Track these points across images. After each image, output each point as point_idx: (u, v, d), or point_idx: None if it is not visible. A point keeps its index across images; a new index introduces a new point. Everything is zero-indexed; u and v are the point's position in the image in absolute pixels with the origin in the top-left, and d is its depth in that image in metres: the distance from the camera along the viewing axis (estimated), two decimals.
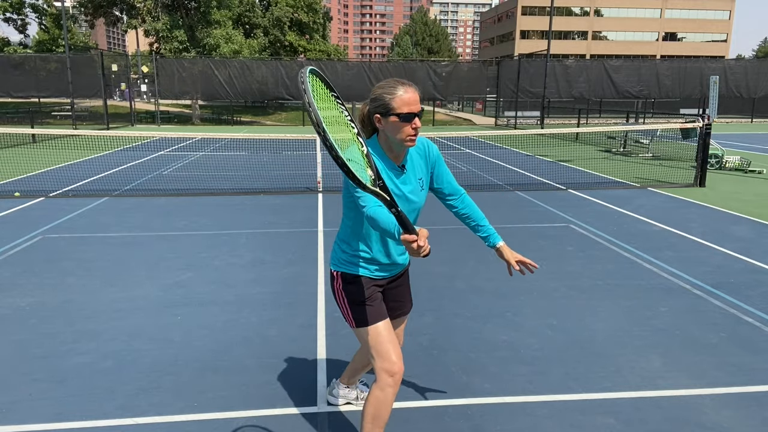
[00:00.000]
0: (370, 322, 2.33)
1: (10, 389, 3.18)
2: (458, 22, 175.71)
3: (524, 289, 4.84)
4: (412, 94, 2.15)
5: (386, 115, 2.15)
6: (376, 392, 2.32)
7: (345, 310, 2.39)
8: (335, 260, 2.41)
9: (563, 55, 55.43)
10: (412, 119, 2.14)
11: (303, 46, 42.65)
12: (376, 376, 2.31)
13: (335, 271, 2.39)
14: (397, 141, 2.19)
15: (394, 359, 2.29)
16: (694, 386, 3.25)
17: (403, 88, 2.15)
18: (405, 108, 2.12)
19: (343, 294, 2.37)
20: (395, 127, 2.15)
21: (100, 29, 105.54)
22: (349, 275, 2.36)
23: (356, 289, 2.35)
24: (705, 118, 10.25)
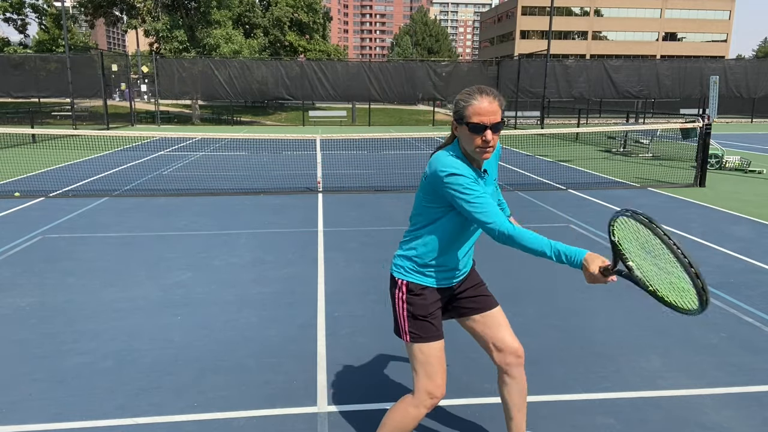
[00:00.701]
0: (426, 339, 2.24)
1: (10, 389, 3.18)
2: (458, 22, 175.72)
3: (524, 289, 4.84)
4: (489, 105, 2.00)
5: (460, 123, 2.06)
6: (409, 408, 2.26)
7: (402, 322, 2.27)
8: (400, 268, 2.28)
9: (563, 55, 55.45)
10: (483, 131, 2.00)
11: (303, 46, 42.68)
12: (416, 392, 2.26)
13: (400, 279, 2.27)
14: (470, 151, 2.08)
15: (439, 383, 2.25)
16: (694, 386, 3.25)
17: (480, 96, 2.02)
18: (476, 118, 2.00)
19: (405, 306, 2.25)
20: (466, 137, 2.06)
21: (100, 29, 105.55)
22: (416, 286, 2.25)
23: (420, 302, 2.25)
24: (705, 118, 10.25)
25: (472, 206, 2.02)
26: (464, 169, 2.04)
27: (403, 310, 2.26)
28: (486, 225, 2.00)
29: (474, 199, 2.02)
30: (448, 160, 2.07)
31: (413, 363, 2.27)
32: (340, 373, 3.38)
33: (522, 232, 1.98)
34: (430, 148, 17.00)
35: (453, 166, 2.04)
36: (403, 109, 37.09)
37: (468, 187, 2.02)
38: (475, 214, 2.01)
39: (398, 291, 2.27)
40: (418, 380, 2.25)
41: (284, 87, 28.81)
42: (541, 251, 1.95)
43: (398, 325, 2.29)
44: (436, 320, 2.28)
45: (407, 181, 10.73)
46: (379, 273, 5.25)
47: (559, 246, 1.94)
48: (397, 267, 2.30)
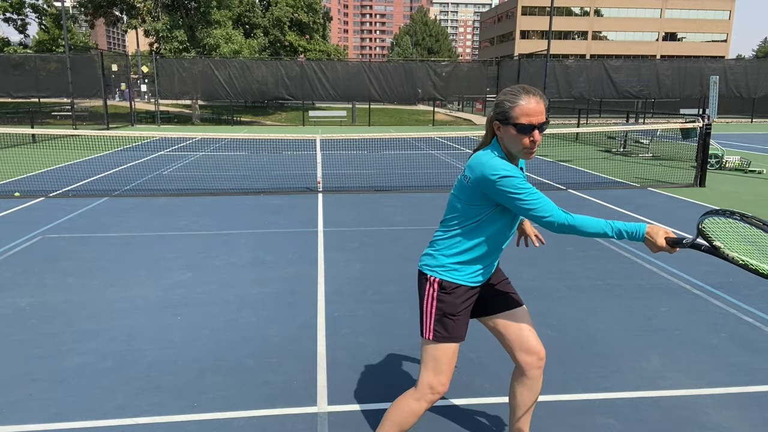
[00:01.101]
0: (449, 339, 2.25)
1: (10, 389, 3.18)
2: (458, 22, 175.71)
3: (524, 289, 4.84)
4: (536, 105, 2.02)
5: (505, 124, 2.07)
6: (411, 402, 2.28)
7: (429, 319, 2.26)
8: (433, 265, 2.26)
9: (563, 55, 55.44)
10: (531, 132, 2.03)
11: (303, 46, 42.68)
12: (419, 386, 2.27)
13: (432, 277, 2.25)
14: (514, 151, 2.11)
15: (444, 380, 2.27)
16: (694, 386, 3.25)
17: (527, 96, 2.03)
18: (524, 119, 2.01)
19: (435, 304, 2.24)
20: (512, 138, 2.07)
21: (100, 29, 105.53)
22: (449, 284, 2.24)
23: (451, 300, 2.24)
24: (705, 118, 10.25)
25: (528, 203, 2.04)
26: (513, 170, 2.06)
27: (432, 307, 2.25)
28: (543, 219, 2.04)
29: (528, 197, 2.04)
30: (496, 161, 2.07)
31: (425, 357, 2.28)
32: (340, 373, 3.38)
33: (579, 219, 2.03)
34: (431, 148, 17.01)
35: (504, 168, 2.04)
36: (403, 109, 37.10)
37: (520, 186, 2.04)
38: (532, 212, 2.04)
39: (429, 288, 2.25)
40: (425, 374, 2.26)
41: (284, 87, 28.81)
42: (603, 233, 2.02)
43: (423, 321, 2.28)
44: (463, 320, 2.28)
45: (407, 181, 10.73)
46: (379, 273, 5.25)
47: (619, 225, 2.02)
48: (429, 264, 2.29)
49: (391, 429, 2.32)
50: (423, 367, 2.28)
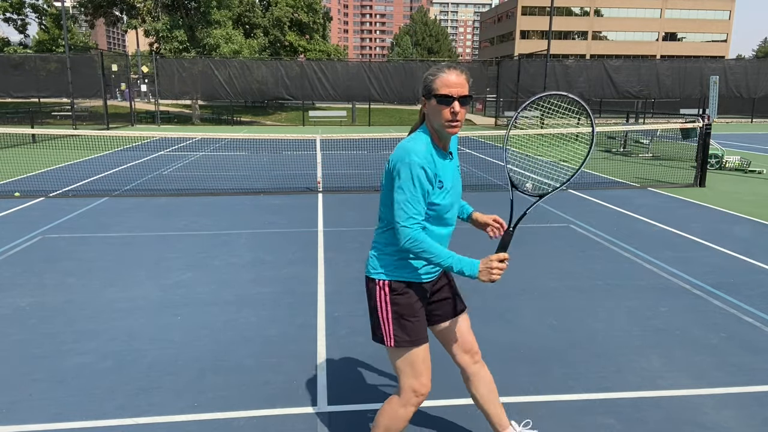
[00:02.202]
0: (413, 343, 2.18)
1: (10, 389, 3.18)
2: (458, 22, 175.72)
3: (524, 289, 4.84)
4: (456, 78, 2.00)
5: (428, 98, 2.06)
6: (397, 407, 2.25)
7: (386, 325, 2.18)
8: (378, 267, 2.19)
9: (563, 55, 55.45)
10: (451, 103, 2.00)
11: (303, 46, 42.67)
12: (402, 392, 2.24)
13: (381, 279, 2.17)
14: (438, 128, 2.07)
15: (425, 381, 2.23)
16: (694, 386, 3.25)
17: (448, 69, 2.02)
18: (444, 89, 2.00)
19: (389, 307, 2.17)
20: (434, 111, 2.04)
21: (100, 29, 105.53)
22: (399, 284, 2.17)
23: (406, 301, 2.17)
24: (705, 118, 10.25)
25: (400, 200, 2.01)
26: (423, 159, 2.01)
27: (387, 312, 2.17)
28: (399, 224, 2.01)
29: (407, 194, 2.00)
30: (413, 146, 2.04)
31: (397, 365, 2.23)
32: (340, 373, 3.38)
33: (430, 246, 2.01)
34: None
35: (415, 154, 2.01)
36: (403, 109, 37.07)
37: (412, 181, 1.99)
38: (396, 209, 2.02)
39: (380, 292, 2.18)
40: (404, 379, 2.22)
41: (284, 87, 28.82)
42: (447, 266, 2.04)
43: (381, 329, 2.20)
44: (422, 321, 2.22)
45: None
46: None
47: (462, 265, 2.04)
48: (374, 267, 2.21)
49: None
50: (400, 374, 2.23)
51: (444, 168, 2.11)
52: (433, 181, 2.05)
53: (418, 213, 2.01)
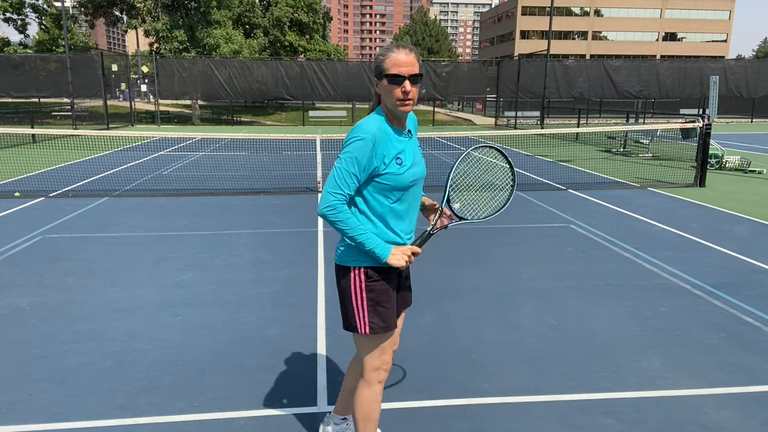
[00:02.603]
0: (386, 329, 2.21)
1: (10, 389, 3.17)
2: (458, 22, 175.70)
3: (524, 289, 4.84)
4: (405, 56, 2.03)
5: (380, 78, 2.08)
6: (364, 392, 2.28)
7: (360, 313, 2.18)
8: (352, 254, 2.17)
9: (563, 55, 55.44)
10: (402, 82, 2.03)
11: (303, 46, 42.67)
12: (366, 374, 2.27)
13: (356, 267, 2.16)
14: (391, 107, 2.10)
15: (388, 358, 2.29)
16: (694, 386, 3.25)
17: (397, 49, 2.05)
18: (394, 69, 2.03)
19: (365, 294, 2.17)
20: (386, 91, 2.07)
21: (100, 29, 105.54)
22: (374, 270, 2.16)
23: (381, 287, 2.18)
24: (705, 118, 10.25)
25: (336, 168, 2.05)
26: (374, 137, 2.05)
27: (363, 300, 2.17)
28: (326, 189, 2.05)
29: (342, 164, 2.04)
30: (363, 124, 2.08)
31: (366, 348, 2.26)
32: (340, 373, 3.38)
33: (348, 218, 2.06)
34: (431, 148, 17.00)
35: (363, 131, 2.05)
36: None
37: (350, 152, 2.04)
38: (329, 177, 2.07)
39: (355, 279, 2.17)
40: (369, 361, 2.26)
41: (284, 87, 28.81)
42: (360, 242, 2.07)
43: (355, 317, 2.20)
44: (392, 305, 2.25)
45: None
46: None
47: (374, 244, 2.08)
48: (347, 255, 2.19)
49: (364, 423, 2.32)
50: (366, 356, 2.26)
51: (403, 145, 2.15)
52: (387, 156, 2.09)
53: (346, 186, 2.04)
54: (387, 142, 2.09)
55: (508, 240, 6.47)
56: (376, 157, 2.06)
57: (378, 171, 2.08)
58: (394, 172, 2.10)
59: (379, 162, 2.07)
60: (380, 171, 2.08)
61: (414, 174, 2.16)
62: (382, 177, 2.10)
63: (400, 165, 2.11)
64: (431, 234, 2.30)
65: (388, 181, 2.11)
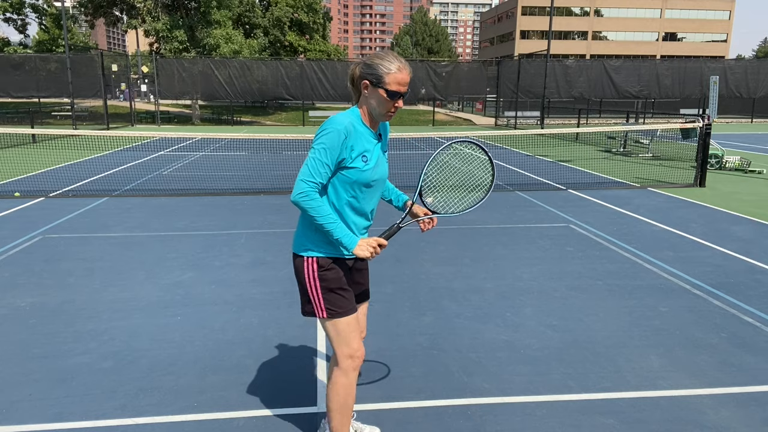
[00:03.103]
0: (343, 313, 2.33)
1: (10, 389, 3.18)
2: (458, 22, 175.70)
3: (524, 289, 4.84)
4: (406, 75, 2.21)
5: (376, 86, 2.20)
6: (341, 380, 2.37)
7: (317, 299, 2.31)
8: (306, 244, 2.30)
9: (563, 55, 55.45)
10: (399, 98, 2.22)
11: (303, 46, 42.67)
12: (339, 362, 2.37)
13: (309, 256, 2.29)
14: (376, 113, 2.25)
15: (356, 346, 2.38)
16: (694, 386, 3.25)
17: (399, 66, 2.20)
18: (395, 86, 2.19)
19: (318, 282, 2.30)
20: (380, 100, 2.21)
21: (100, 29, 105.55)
22: (326, 259, 2.30)
23: (334, 275, 2.31)
24: (705, 119, 10.25)
25: (309, 158, 2.15)
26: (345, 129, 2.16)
27: (317, 287, 2.31)
28: (300, 178, 2.14)
29: (315, 154, 2.14)
30: (338, 117, 2.19)
31: (330, 335, 2.37)
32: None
33: (319, 207, 2.15)
34: (431, 148, 17.01)
35: (338, 123, 2.16)
36: (403, 109, 37.05)
37: (325, 147, 2.14)
38: (303, 166, 2.16)
39: (308, 269, 2.31)
40: (339, 348, 2.36)
41: (284, 87, 28.81)
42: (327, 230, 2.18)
43: (311, 303, 2.33)
44: (348, 291, 2.36)
45: (407, 181, 10.72)
46: (377, 273, 5.25)
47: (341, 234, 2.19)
48: (302, 244, 2.32)
49: (340, 414, 2.41)
50: (334, 343, 2.37)
51: (371, 145, 2.27)
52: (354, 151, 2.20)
53: (319, 175, 2.15)
54: (357, 138, 2.22)
55: (508, 240, 6.47)
56: (346, 148, 2.18)
57: (345, 163, 2.20)
58: (358, 167, 2.22)
59: (347, 154, 2.19)
60: (346, 164, 2.20)
61: (375, 174, 2.29)
62: (346, 170, 2.22)
63: (365, 162, 2.23)
64: (399, 227, 2.38)
65: (350, 174, 2.22)
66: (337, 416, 2.41)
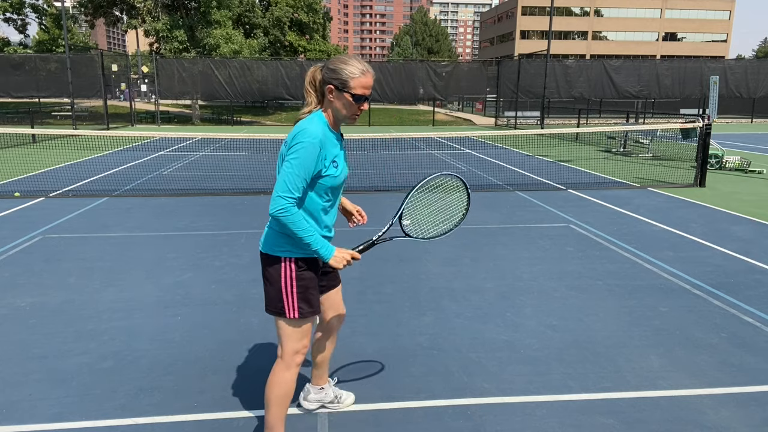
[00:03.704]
0: (313, 312, 2.41)
1: (10, 389, 3.18)
2: (458, 22, 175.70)
3: (524, 289, 4.85)
4: (370, 79, 2.29)
5: (341, 90, 2.26)
6: (283, 374, 2.42)
7: (291, 299, 2.35)
8: (283, 245, 2.33)
9: (563, 55, 55.44)
10: (364, 101, 2.30)
11: (303, 46, 42.67)
12: (285, 357, 2.42)
13: (287, 257, 2.33)
14: (341, 116, 2.32)
15: (306, 343, 2.47)
16: (694, 386, 3.25)
17: (363, 70, 2.26)
18: (360, 90, 2.26)
19: (295, 282, 2.34)
20: (346, 104, 2.28)
21: (100, 29, 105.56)
22: (302, 260, 2.35)
23: (310, 275, 2.38)
24: (705, 118, 10.25)
25: (286, 171, 2.19)
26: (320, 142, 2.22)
27: (293, 287, 2.35)
28: (277, 193, 2.20)
29: (293, 168, 2.19)
30: (312, 128, 2.24)
31: (287, 332, 2.40)
32: (340, 373, 3.38)
33: (298, 221, 2.20)
34: (431, 148, 17.01)
35: (313, 135, 2.21)
36: (403, 109, 37.08)
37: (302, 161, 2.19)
38: (279, 179, 2.22)
39: (286, 269, 2.34)
40: (289, 344, 2.40)
41: (284, 87, 28.81)
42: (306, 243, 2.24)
43: (284, 302, 2.36)
44: (317, 291, 2.46)
45: (407, 181, 10.72)
46: (378, 273, 5.25)
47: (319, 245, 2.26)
48: (277, 245, 2.35)
49: (278, 406, 2.44)
50: (287, 339, 2.41)
51: (338, 149, 2.36)
52: (327, 159, 2.28)
53: (296, 189, 2.20)
54: (329, 146, 2.29)
55: (508, 240, 6.47)
56: (321, 159, 2.25)
57: (320, 173, 2.28)
58: (332, 173, 2.31)
59: (321, 165, 2.26)
60: (322, 173, 2.28)
61: (344, 176, 2.41)
62: (322, 179, 2.29)
63: (336, 168, 2.33)
64: (374, 243, 2.48)
65: (325, 182, 2.31)
66: (275, 408, 2.45)
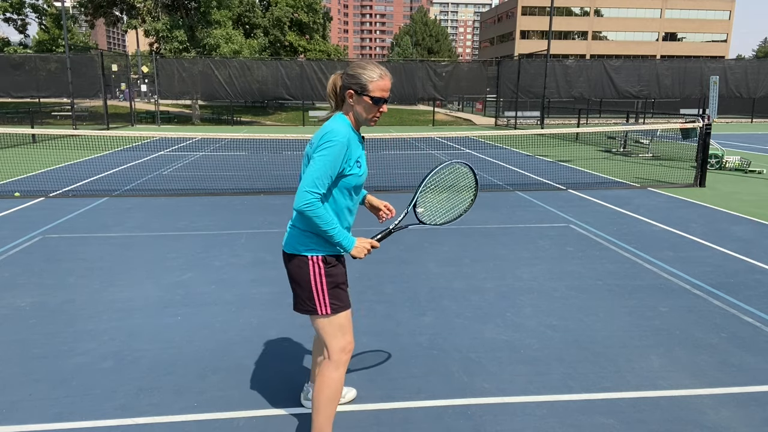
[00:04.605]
0: (344, 307, 2.43)
1: (10, 389, 3.18)
2: (458, 22, 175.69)
3: (524, 289, 4.84)
4: (388, 82, 2.36)
5: (360, 94, 2.33)
6: (332, 374, 2.42)
7: (322, 296, 2.39)
8: (309, 244, 2.38)
9: (563, 55, 55.45)
10: (383, 104, 2.37)
11: (303, 46, 42.68)
12: (332, 356, 2.42)
13: (313, 256, 2.38)
14: (362, 119, 2.39)
15: (350, 338, 2.48)
16: (694, 386, 3.25)
17: (381, 74, 2.34)
18: (379, 93, 2.33)
19: (325, 279, 2.38)
20: (366, 107, 2.35)
21: (100, 29, 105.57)
22: (331, 257, 2.40)
23: (338, 271, 2.42)
24: (705, 118, 10.25)
25: (314, 166, 2.23)
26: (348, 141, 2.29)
27: (323, 284, 2.39)
28: (304, 188, 2.22)
29: (321, 163, 2.23)
30: (339, 128, 2.30)
31: (328, 330, 2.42)
32: None
33: (324, 216, 2.25)
34: (431, 148, 17.01)
35: (342, 134, 2.27)
36: (403, 109, 37.07)
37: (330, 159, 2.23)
38: (307, 175, 2.24)
39: (314, 267, 2.38)
40: (334, 342, 2.42)
41: (284, 87, 28.81)
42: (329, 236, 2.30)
43: (315, 300, 2.39)
44: (346, 285, 2.50)
45: (407, 181, 10.73)
46: (378, 273, 5.25)
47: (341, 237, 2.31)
48: (302, 244, 2.39)
49: (327, 408, 2.45)
50: (329, 338, 2.43)
51: (360, 150, 2.41)
52: (351, 159, 2.32)
53: (322, 185, 2.24)
54: (354, 147, 2.34)
55: (508, 240, 6.47)
56: (346, 159, 2.31)
57: (344, 172, 2.32)
58: (355, 173, 2.36)
59: (345, 164, 2.31)
60: (346, 172, 2.33)
61: (365, 176, 2.45)
62: (346, 178, 2.34)
63: (359, 168, 2.38)
64: (392, 231, 2.54)
65: (350, 181, 2.36)
66: (324, 410, 2.45)
